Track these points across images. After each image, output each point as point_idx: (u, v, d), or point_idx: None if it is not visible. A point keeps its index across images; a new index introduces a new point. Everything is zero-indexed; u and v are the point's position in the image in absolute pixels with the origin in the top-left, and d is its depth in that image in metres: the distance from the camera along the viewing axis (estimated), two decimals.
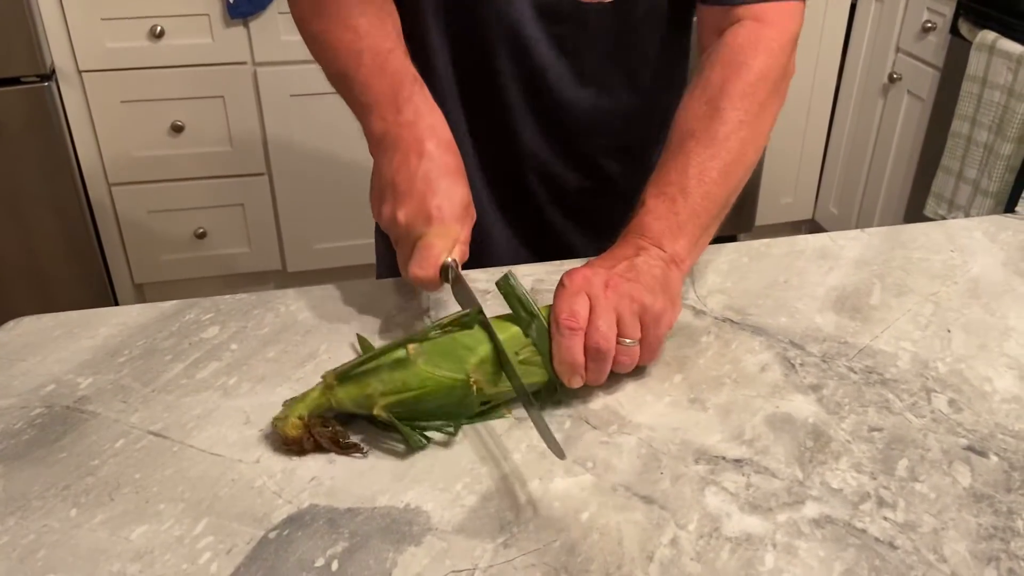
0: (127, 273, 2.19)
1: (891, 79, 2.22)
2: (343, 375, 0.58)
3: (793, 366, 0.66)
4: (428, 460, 0.57)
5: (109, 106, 1.98)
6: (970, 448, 0.59)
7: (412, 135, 0.68)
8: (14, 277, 2.00)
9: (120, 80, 1.95)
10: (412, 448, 0.57)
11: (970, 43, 1.87)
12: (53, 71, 1.89)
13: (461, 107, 0.86)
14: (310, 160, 2.13)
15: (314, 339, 0.68)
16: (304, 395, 0.58)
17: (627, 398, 0.63)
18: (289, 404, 0.58)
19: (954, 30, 1.97)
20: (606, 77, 0.85)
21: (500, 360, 0.59)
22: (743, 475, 0.56)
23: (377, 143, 0.70)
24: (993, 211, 1.86)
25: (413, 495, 0.54)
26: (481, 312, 0.61)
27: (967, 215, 1.92)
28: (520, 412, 0.61)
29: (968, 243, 0.83)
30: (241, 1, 1.90)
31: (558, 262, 0.79)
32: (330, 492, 0.55)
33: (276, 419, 0.58)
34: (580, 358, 0.59)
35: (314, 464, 0.57)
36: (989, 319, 0.72)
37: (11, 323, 0.70)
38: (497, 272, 0.77)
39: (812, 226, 2.67)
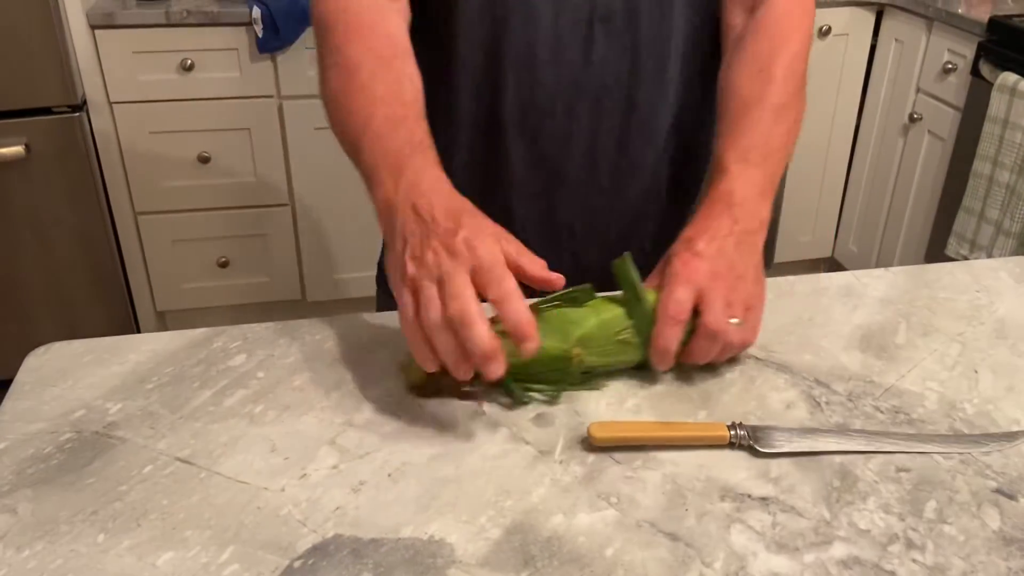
0: (150, 301, 2.22)
1: (911, 119, 2.23)
2: None
3: (819, 404, 0.66)
4: (452, 492, 0.57)
5: (138, 137, 2.02)
6: (999, 491, 0.58)
7: (414, 194, 0.64)
8: (39, 303, 2.03)
9: (150, 112, 2.00)
10: (516, 403, 0.64)
11: (991, 84, 1.88)
12: (84, 102, 1.93)
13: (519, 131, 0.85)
14: (332, 192, 2.16)
15: (340, 368, 0.69)
16: None
17: None
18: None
19: (975, 71, 1.98)
20: (643, 58, 0.84)
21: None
22: (769, 514, 0.56)
23: (380, 211, 0.66)
24: (1016, 252, 1.85)
25: (437, 527, 0.54)
26: (590, 291, 0.67)
27: (989, 255, 1.91)
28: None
29: (993, 283, 0.83)
30: (270, 37, 1.94)
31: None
32: (354, 522, 0.55)
33: (403, 365, 0.66)
34: (675, 346, 0.64)
35: (339, 493, 0.57)
36: (1016, 361, 0.71)
37: (41, 349, 0.71)
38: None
39: (831, 264, 2.67)
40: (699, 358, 0.67)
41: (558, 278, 0.63)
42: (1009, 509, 0.56)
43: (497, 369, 0.57)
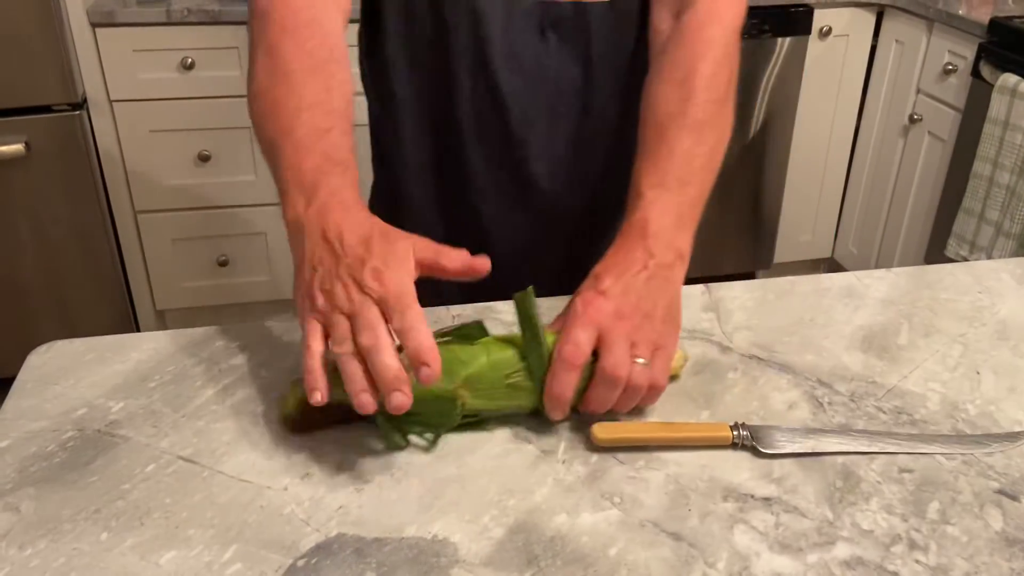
0: (149, 299, 2.21)
1: (911, 120, 2.23)
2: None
3: (821, 404, 0.66)
4: (455, 491, 0.57)
5: (138, 135, 2.01)
6: (1001, 492, 0.58)
7: (324, 218, 0.61)
8: (38, 301, 2.03)
9: (150, 110, 1.99)
10: (390, 446, 0.60)
11: (991, 86, 1.88)
12: (85, 100, 1.93)
13: (475, 132, 0.85)
14: None
15: None
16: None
17: None
18: (294, 385, 0.61)
19: (975, 73, 1.98)
20: (594, 63, 0.83)
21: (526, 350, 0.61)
22: (772, 514, 0.56)
23: (289, 230, 0.64)
24: (1016, 253, 1.85)
25: (440, 526, 0.54)
26: (482, 327, 0.63)
27: (989, 256, 1.91)
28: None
29: (995, 285, 0.83)
30: None
31: None
32: (357, 521, 0.55)
33: (281, 397, 0.63)
34: (570, 394, 0.60)
35: (342, 493, 0.57)
36: (1018, 362, 0.71)
37: (43, 347, 0.71)
38: None
39: (831, 264, 2.67)
40: (597, 406, 0.61)
41: (483, 263, 0.61)
42: (1012, 510, 0.56)
43: (402, 400, 0.55)
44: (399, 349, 0.56)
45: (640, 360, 0.60)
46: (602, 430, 0.60)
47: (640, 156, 0.72)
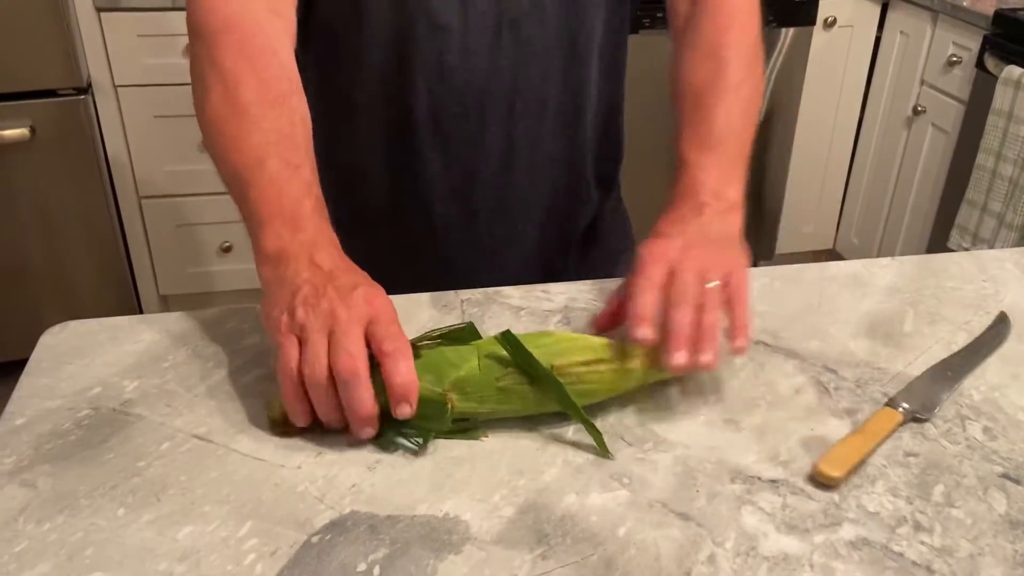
0: (153, 285, 2.22)
1: (915, 111, 2.23)
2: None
3: (827, 390, 0.66)
4: (466, 471, 0.58)
5: (142, 120, 2.01)
6: (1005, 475, 0.59)
7: (314, 250, 0.62)
8: (42, 285, 2.03)
9: (154, 95, 1.99)
10: (381, 448, 0.59)
11: (996, 78, 1.88)
12: (89, 84, 1.93)
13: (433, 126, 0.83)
14: None
15: None
16: None
17: (662, 417, 0.63)
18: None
19: (980, 65, 1.98)
20: (553, 60, 0.83)
21: (536, 374, 0.60)
22: (779, 495, 0.57)
23: (270, 260, 0.62)
24: (1018, 244, 1.86)
25: (452, 505, 0.55)
26: (474, 329, 0.63)
27: (991, 248, 1.92)
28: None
29: (999, 273, 0.84)
30: None
31: (590, 282, 0.80)
32: (370, 499, 0.55)
33: (267, 403, 0.61)
34: (650, 312, 0.61)
35: (354, 471, 0.58)
36: (1022, 349, 0.72)
37: (57, 327, 0.72)
38: (528, 290, 0.78)
39: (833, 256, 2.67)
40: (680, 335, 0.60)
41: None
42: (1015, 493, 0.57)
43: (369, 433, 0.58)
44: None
45: (713, 283, 0.62)
46: (829, 466, 0.57)
47: (680, 127, 0.76)
